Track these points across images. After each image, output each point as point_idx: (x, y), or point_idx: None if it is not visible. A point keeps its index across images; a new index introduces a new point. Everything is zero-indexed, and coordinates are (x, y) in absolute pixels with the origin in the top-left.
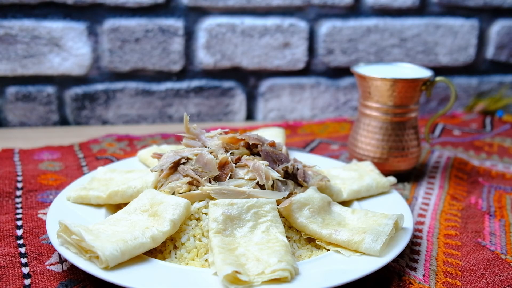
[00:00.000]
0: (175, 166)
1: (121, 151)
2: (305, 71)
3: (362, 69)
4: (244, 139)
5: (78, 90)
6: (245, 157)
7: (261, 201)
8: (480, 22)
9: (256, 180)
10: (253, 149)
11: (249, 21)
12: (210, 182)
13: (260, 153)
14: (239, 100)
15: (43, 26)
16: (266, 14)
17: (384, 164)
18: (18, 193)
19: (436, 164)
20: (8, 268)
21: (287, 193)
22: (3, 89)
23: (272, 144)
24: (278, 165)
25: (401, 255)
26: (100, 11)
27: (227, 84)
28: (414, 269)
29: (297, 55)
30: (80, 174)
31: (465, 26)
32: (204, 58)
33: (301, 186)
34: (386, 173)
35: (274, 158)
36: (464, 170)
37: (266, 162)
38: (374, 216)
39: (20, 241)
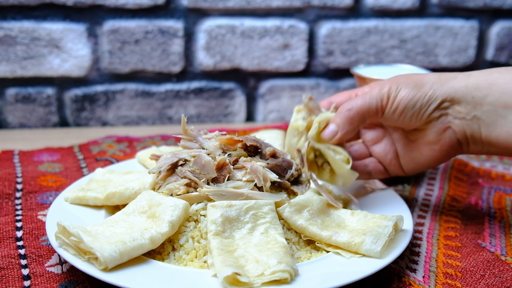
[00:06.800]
0: (173, 168)
1: (121, 153)
2: (305, 73)
3: (362, 71)
4: (242, 141)
5: (78, 91)
6: (242, 158)
7: (260, 202)
8: (480, 23)
9: (254, 182)
10: (250, 150)
11: (248, 23)
12: (208, 184)
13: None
14: (239, 102)
15: (43, 27)
16: (266, 16)
17: None
18: (18, 194)
19: None
20: (8, 269)
21: (285, 195)
22: (2, 90)
23: (273, 154)
24: (284, 176)
25: (401, 257)
26: (100, 12)
27: (227, 85)
28: (414, 271)
29: (297, 56)
30: (79, 176)
31: (465, 27)
32: (204, 59)
33: None
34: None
35: (279, 171)
36: (464, 172)
37: (264, 164)
38: (373, 218)
39: (20, 243)
